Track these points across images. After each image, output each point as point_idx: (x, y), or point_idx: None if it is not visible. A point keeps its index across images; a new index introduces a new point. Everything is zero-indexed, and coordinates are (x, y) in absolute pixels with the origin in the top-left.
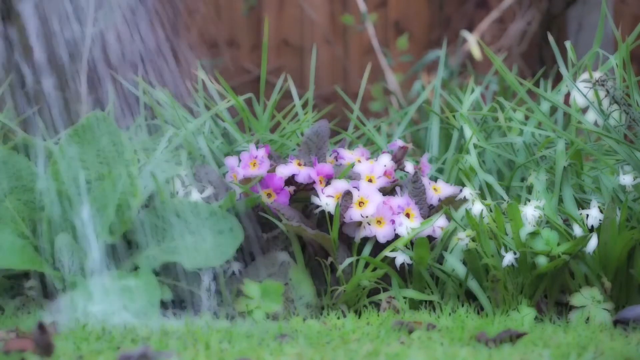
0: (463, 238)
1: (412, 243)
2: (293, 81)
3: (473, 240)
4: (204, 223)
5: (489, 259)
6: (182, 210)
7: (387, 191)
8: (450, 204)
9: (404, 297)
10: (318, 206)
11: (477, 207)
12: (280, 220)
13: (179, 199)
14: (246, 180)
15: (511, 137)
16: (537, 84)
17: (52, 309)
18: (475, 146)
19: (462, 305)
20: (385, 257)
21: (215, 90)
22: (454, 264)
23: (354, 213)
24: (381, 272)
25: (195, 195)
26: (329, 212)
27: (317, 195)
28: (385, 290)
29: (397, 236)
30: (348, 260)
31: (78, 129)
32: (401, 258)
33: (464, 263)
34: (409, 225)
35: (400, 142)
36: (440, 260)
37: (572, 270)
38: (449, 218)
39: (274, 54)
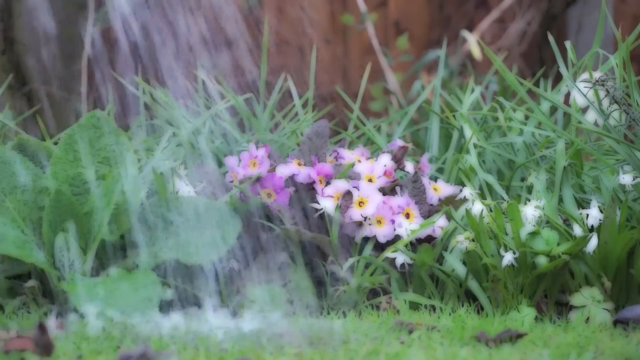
0: (462, 241)
1: (412, 243)
2: (293, 81)
3: (473, 240)
4: (201, 218)
5: (488, 258)
6: (180, 206)
7: (387, 191)
8: (450, 203)
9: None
10: (318, 209)
11: (477, 207)
12: (281, 220)
13: (176, 196)
14: (246, 180)
15: (511, 137)
16: (537, 84)
17: (52, 308)
18: (475, 146)
19: (462, 306)
20: (386, 258)
21: (215, 90)
22: (454, 264)
23: (354, 213)
24: (382, 278)
25: (189, 190)
26: (328, 214)
27: (318, 195)
28: (385, 291)
29: (397, 236)
30: (349, 263)
31: (78, 128)
32: (401, 259)
33: (464, 263)
34: (409, 227)
35: (400, 142)
36: (440, 260)
37: (572, 270)
38: (449, 218)
39: (274, 54)
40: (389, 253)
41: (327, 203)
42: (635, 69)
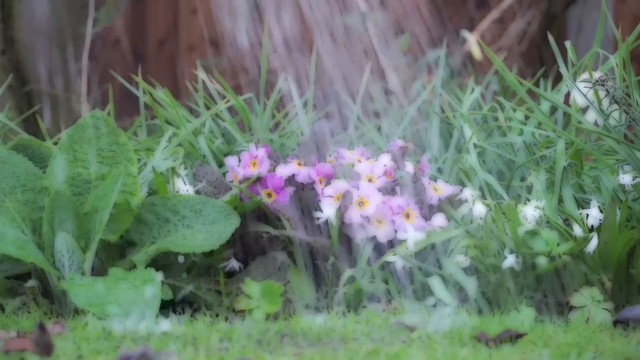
0: (462, 246)
1: None
2: (293, 81)
3: (474, 247)
4: (199, 213)
5: (489, 259)
6: (178, 203)
7: (387, 191)
8: (450, 203)
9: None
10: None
11: (478, 208)
12: (280, 220)
13: (175, 194)
14: (246, 180)
15: (511, 137)
16: (537, 84)
17: (52, 308)
18: (475, 146)
19: (462, 306)
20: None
21: (215, 90)
22: (454, 264)
23: (354, 213)
24: (383, 286)
25: (189, 189)
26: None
27: (320, 201)
28: (385, 291)
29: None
30: (349, 272)
31: (78, 128)
32: (401, 262)
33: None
34: (414, 236)
35: (400, 142)
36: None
37: (572, 270)
38: (449, 218)
39: (273, 54)
40: (388, 257)
41: (328, 211)
42: (635, 69)
